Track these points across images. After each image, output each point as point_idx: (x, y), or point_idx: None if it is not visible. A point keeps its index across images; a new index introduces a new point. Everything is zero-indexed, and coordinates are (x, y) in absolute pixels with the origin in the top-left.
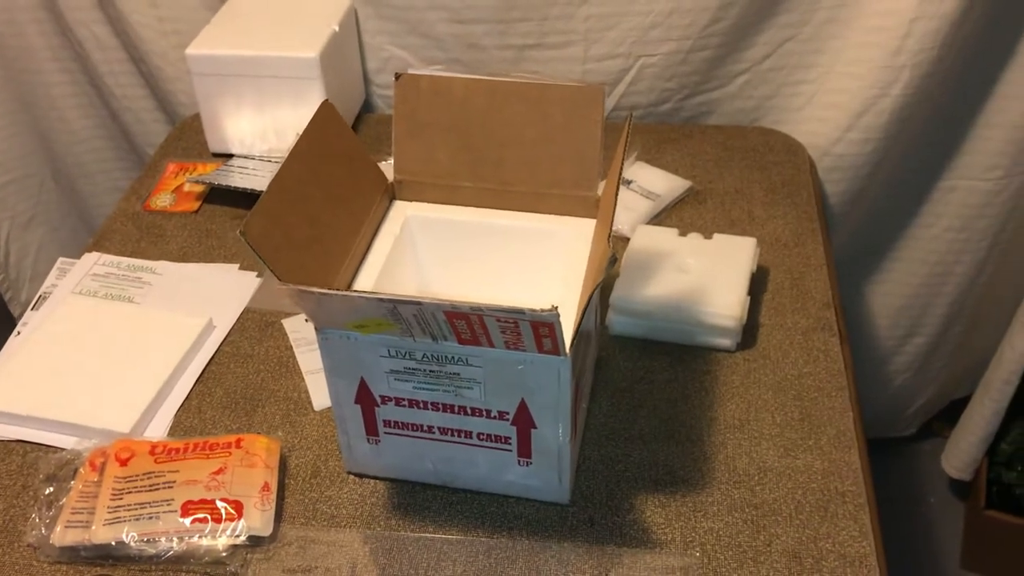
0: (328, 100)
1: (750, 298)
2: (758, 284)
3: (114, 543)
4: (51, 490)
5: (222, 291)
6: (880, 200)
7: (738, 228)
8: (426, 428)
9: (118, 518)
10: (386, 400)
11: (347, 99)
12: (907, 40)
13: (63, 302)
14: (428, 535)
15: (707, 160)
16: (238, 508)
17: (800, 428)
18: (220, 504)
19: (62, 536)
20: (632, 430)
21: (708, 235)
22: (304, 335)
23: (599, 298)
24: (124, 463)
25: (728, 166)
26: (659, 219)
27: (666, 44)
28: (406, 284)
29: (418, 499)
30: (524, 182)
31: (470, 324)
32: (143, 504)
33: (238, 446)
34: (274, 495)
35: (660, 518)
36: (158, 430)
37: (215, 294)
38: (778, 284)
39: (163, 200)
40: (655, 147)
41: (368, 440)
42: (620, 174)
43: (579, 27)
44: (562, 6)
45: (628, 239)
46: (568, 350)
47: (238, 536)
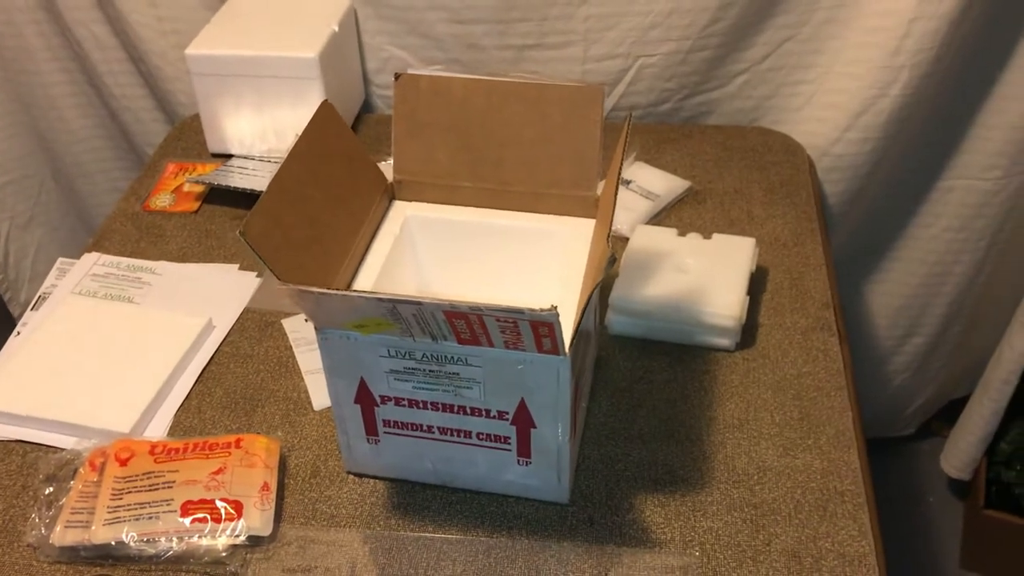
0: (327, 100)
1: (749, 298)
2: (757, 284)
3: (114, 543)
4: (51, 490)
5: (222, 291)
6: (879, 200)
7: (737, 228)
8: (426, 428)
9: (118, 518)
10: (386, 400)
11: (347, 99)
12: (906, 40)
13: (63, 302)
14: (428, 535)
15: (706, 160)
16: (238, 508)
17: (799, 428)
18: (220, 504)
19: (62, 536)
20: (631, 430)
21: (707, 235)
22: (304, 335)
23: (598, 298)
24: (124, 463)
25: (727, 166)
26: (658, 219)
27: (665, 44)
28: (406, 284)
29: (418, 499)
30: (523, 182)
31: (469, 324)
32: (143, 504)
33: (238, 446)
34: (274, 495)
35: (659, 517)
36: (158, 430)
37: (215, 294)
38: (777, 284)
39: (162, 200)
40: (654, 147)
41: (368, 440)
42: (619, 174)
43: (578, 27)
44: (561, 6)
45: (627, 239)
46: (567, 350)
47: (238, 536)
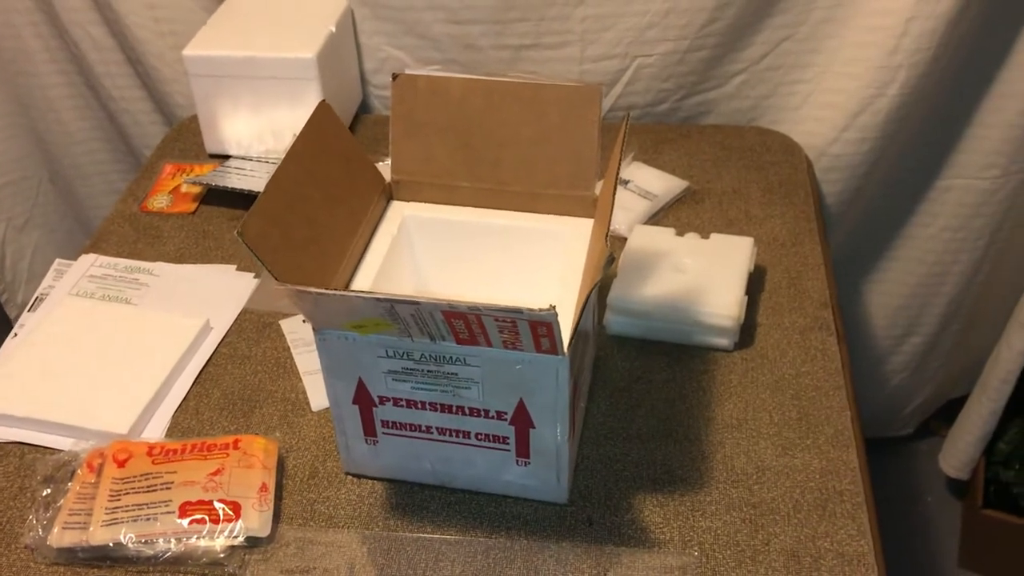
0: (325, 101)
1: (747, 298)
2: (756, 284)
3: (112, 544)
4: (48, 491)
5: (219, 292)
6: (877, 200)
7: (735, 228)
8: (424, 428)
9: (116, 519)
10: (384, 400)
11: (344, 100)
12: (904, 40)
13: (60, 304)
14: (426, 535)
15: (704, 160)
16: (236, 509)
17: (798, 427)
18: (218, 505)
19: (59, 537)
20: (630, 430)
21: (705, 235)
22: (302, 336)
23: (597, 298)
24: (122, 464)
25: (725, 166)
26: (656, 219)
27: (663, 44)
28: (404, 284)
29: (416, 499)
30: (521, 182)
31: (468, 324)
32: (141, 505)
33: (236, 447)
34: (272, 496)
35: (658, 517)
36: (156, 431)
37: (212, 295)
38: (775, 284)
39: (160, 201)
40: (652, 147)
41: (366, 440)
42: (617, 174)
43: (576, 27)
44: (559, 7)
45: (625, 239)
46: (566, 349)
47: (236, 537)
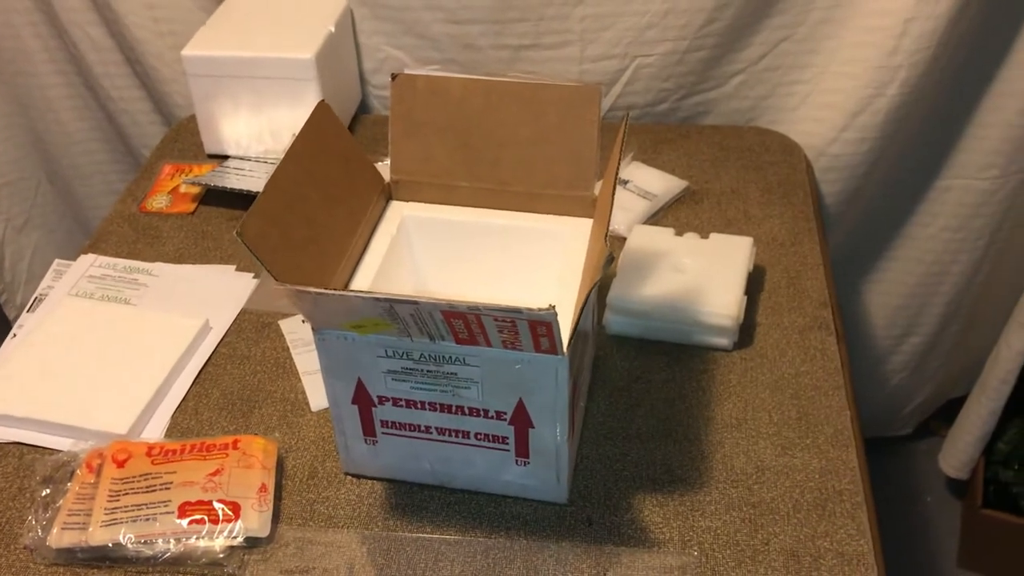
0: (324, 101)
1: (747, 297)
2: (755, 283)
3: (111, 545)
4: (48, 492)
5: (218, 292)
6: (876, 200)
7: (735, 228)
8: (424, 428)
9: (115, 520)
10: (383, 400)
11: (343, 100)
12: (903, 40)
13: (59, 304)
14: (426, 535)
15: (703, 160)
16: (235, 509)
17: (797, 427)
18: (217, 505)
19: (59, 538)
20: (630, 429)
21: (705, 235)
22: (301, 336)
23: (596, 298)
24: (121, 465)
25: (724, 166)
26: (656, 219)
27: (662, 44)
28: (403, 284)
29: (416, 499)
30: (521, 182)
31: (467, 323)
32: (140, 506)
33: (235, 447)
34: (271, 496)
35: (658, 517)
36: (155, 431)
37: (211, 295)
38: (775, 283)
39: (159, 202)
40: (651, 147)
41: (365, 440)
42: (616, 174)
43: (575, 27)
44: (558, 7)
45: (625, 239)
46: (566, 349)
47: (235, 537)
